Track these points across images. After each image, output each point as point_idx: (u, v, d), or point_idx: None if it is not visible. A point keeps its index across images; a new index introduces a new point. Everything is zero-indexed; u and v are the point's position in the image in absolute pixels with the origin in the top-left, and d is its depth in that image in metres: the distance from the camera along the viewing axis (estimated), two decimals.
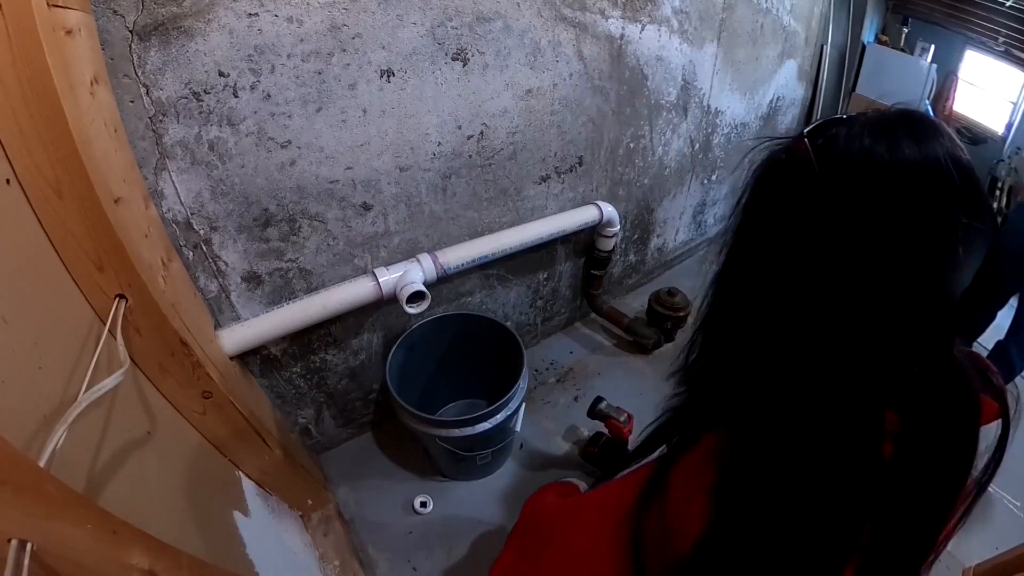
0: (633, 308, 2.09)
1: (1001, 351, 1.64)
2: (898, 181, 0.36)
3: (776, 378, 0.43)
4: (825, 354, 0.40)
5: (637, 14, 1.38)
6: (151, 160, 0.83)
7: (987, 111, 3.27)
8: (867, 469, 0.39)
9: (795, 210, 0.40)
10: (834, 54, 2.57)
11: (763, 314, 0.44)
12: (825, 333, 0.40)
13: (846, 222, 0.37)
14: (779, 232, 0.42)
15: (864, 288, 0.38)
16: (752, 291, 0.45)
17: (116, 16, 0.72)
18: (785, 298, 0.42)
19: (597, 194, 1.65)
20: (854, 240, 0.37)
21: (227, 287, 1.03)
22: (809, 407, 0.40)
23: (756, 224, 0.44)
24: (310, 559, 1.16)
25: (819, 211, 0.38)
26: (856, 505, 0.39)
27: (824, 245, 0.38)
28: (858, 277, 0.38)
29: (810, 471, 0.39)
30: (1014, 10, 2.59)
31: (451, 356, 1.49)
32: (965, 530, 0.41)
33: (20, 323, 0.50)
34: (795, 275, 0.41)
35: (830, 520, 0.39)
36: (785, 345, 0.42)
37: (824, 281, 0.39)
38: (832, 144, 0.39)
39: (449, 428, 1.16)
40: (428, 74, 1.06)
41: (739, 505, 0.39)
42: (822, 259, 0.39)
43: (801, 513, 0.39)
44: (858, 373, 0.40)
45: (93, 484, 0.55)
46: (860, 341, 0.39)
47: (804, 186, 0.40)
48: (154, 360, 0.76)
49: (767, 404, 0.43)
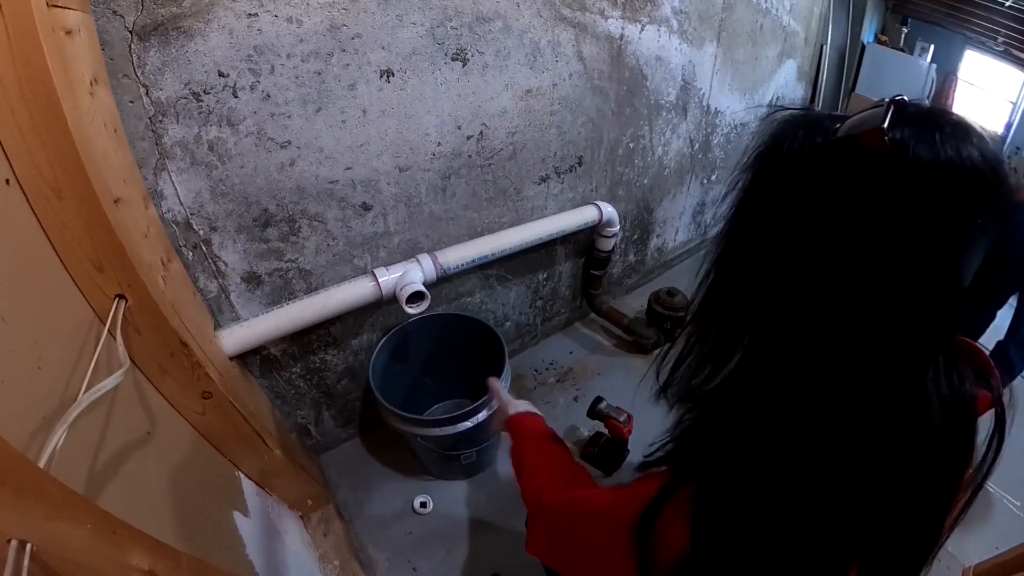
0: (633, 308, 2.09)
1: (1001, 351, 1.64)
2: (961, 182, 0.35)
3: (769, 391, 0.42)
4: (832, 356, 0.39)
5: (637, 14, 1.38)
6: (151, 160, 0.83)
7: (986, 111, 3.27)
8: (858, 487, 0.39)
9: (847, 203, 0.37)
10: (834, 54, 2.57)
11: (764, 309, 0.42)
12: (830, 334, 0.38)
13: (903, 220, 0.35)
14: (802, 221, 0.39)
15: (883, 287, 0.36)
16: (756, 281, 0.43)
17: (116, 16, 0.72)
18: (789, 291, 0.40)
19: (597, 194, 1.65)
20: (900, 238, 0.35)
21: (227, 287, 1.03)
22: (802, 425, 0.40)
23: (775, 208, 0.41)
24: (310, 559, 1.16)
25: (881, 207, 0.36)
26: (842, 531, 0.39)
27: (850, 244, 0.37)
28: (878, 277, 0.36)
29: (789, 500, 0.39)
30: (1013, 10, 2.59)
31: (436, 357, 1.49)
32: (965, 530, 0.41)
33: (20, 323, 0.50)
34: (806, 273, 0.39)
35: (812, 549, 0.39)
36: (786, 342, 0.41)
37: (835, 280, 0.37)
38: (910, 143, 0.35)
39: (430, 427, 1.16)
40: (428, 74, 1.06)
41: (712, 533, 0.41)
42: (842, 258, 0.37)
43: (780, 543, 0.39)
44: (858, 378, 0.39)
45: (93, 484, 0.55)
46: (867, 343, 0.38)
47: (872, 183, 0.36)
48: (154, 360, 0.76)
49: (745, 435, 0.42)
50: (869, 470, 0.39)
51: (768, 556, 0.40)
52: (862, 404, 0.39)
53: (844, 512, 0.39)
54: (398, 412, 1.14)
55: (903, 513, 0.40)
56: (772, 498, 0.40)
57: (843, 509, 0.39)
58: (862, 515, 0.39)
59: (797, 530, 0.39)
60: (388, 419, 1.19)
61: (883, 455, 0.39)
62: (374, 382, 1.20)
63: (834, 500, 0.39)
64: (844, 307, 0.38)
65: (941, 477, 0.40)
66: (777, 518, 0.39)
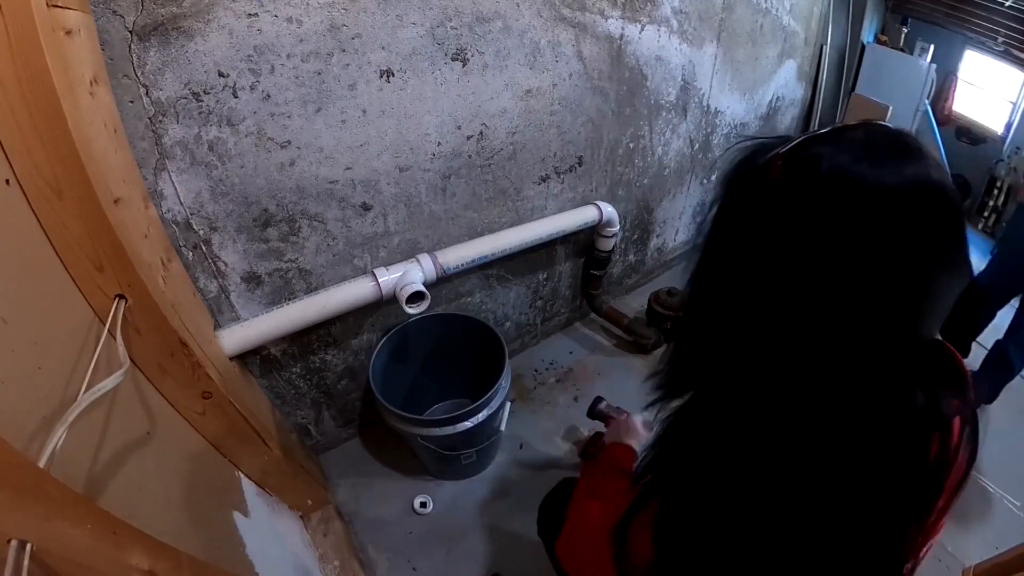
0: (633, 308, 2.09)
1: (1000, 351, 1.64)
2: (877, 205, 0.35)
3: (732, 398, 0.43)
4: (782, 374, 0.40)
5: (637, 14, 1.38)
6: (151, 160, 0.83)
7: (986, 111, 3.27)
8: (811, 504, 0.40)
9: (766, 228, 0.40)
10: (833, 54, 2.57)
11: (726, 323, 0.44)
12: (783, 353, 0.40)
13: (813, 242, 0.37)
14: (745, 245, 0.41)
15: (825, 310, 0.37)
16: (719, 299, 0.45)
17: (116, 16, 0.72)
18: (744, 312, 0.42)
19: (597, 194, 1.65)
20: (821, 262, 0.37)
21: (227, 287, 1.03)
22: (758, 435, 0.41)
23: (726, 231, 0.44)
24: (310, 559, 1.16)
25: (789, 232, 0.38)
26: (793, 550, 0.41)
27: (791, 265, 0.38)
28: (819, 299, 0.37)
29: (748, 515, 0.41)
30: (1013, 10, 2.59)
31: (436, 357, 1.49)
32: (965, 530, 0.41)
33: (20, 323, 0.50)
34: (755, 292, 0.41)
35: (761, 561, 0.41)
36: (739, 357, 0.43)
37: (781, 300, 0.39)
38: (814, 165, 0.37)
39: (430, 427, 1.16)
40: (428, 74, 1.06)
41: (670, 542, 0.44)
42: (784, 279, 0.39)
43: (732, 554, 0.42)
44: (812, 399, 0.40)
45: (93, 484, 0.55)
46: (818, 365, 0.39)
47: (775, 206, 0.39)
48: (154, 360, 0.76)
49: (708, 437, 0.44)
50: (821, 485, 0.40)
51: (721, 566, 0.42)
52: (814, 416, 0.40)
53: (795, 530, 0.40)
54: (398, 412, 1.14)
55: (858, 528, 0.40)
56: (725, 513, 0.42)
57: (795, 527, 0.40)
58: (813, 533, 0.40)
59: (748, 543, 0.41)
60: (388, 419, 1.19)
61: (834, 469, 0.39)
62: (374, 382, 1.20)
63: (786, 516, 0.40)
64: (791, 320, 0.39)
65: (901, 494, 0.40)
66: (729, 532, 0.42)
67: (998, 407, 1.71)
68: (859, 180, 0.35)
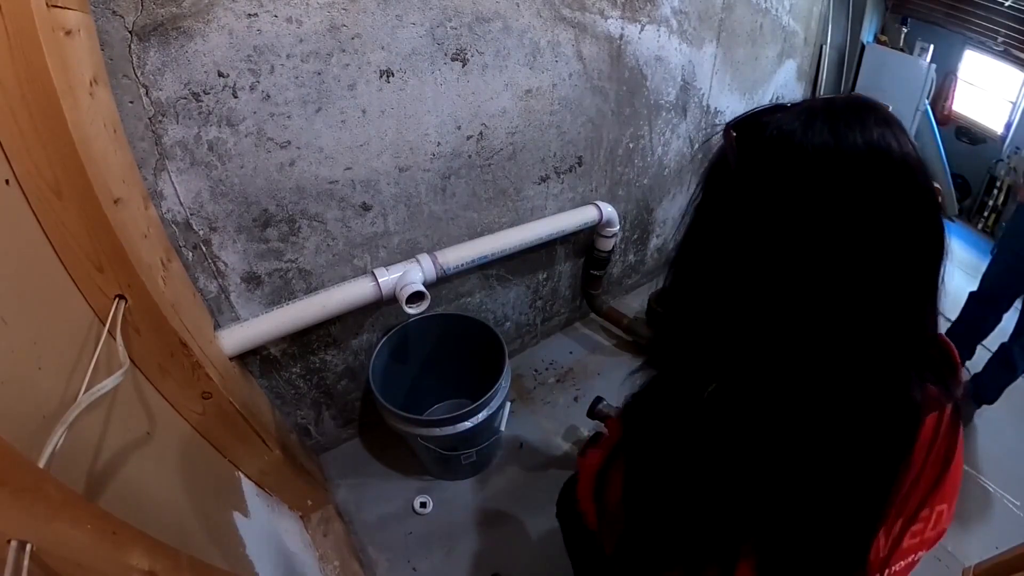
0: (633, 308, 2.09)
1: (1005, 353, 1.64)
2: (817, 167, 0.34)
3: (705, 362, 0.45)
4: (755, 349, 0.41)
5: (636, 14, 1.38)
6: (151, 161, 0.83)
7: (986, 111, 3.27)
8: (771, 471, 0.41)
9: (727, 203, 0.41)
10: (833, 54, 2.57)
11: (701, 303, 0.46)
12: (754, 326, 0.40)
13: (767, 213, 0.37)
14: (716, 225, 0.42)
15: (788, 282, 0.37)
16: (696, 282, 0.47)
17: (115, 17, 0.72)
18: (719, 294, 0.43)
19: (596, 194, 1.65)
20: (778, 233, 0.36)
21: (227, 287, 1.03)
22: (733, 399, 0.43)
23: (700, 215, 0.45)
24: (310, 559, 1.16)
25: (743, 203, 0.38)
26: (739, 511, 0.43)
27: (750, 239, 0.38)
28: (780, 272, 0.37)
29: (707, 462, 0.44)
30: (1013, 10, 2.59)
31: (436, 357, 1.49)
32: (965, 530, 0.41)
33: (20, 323, 0.50)
34: (727, 272, 0.41)
35: (707, 518, 0.45)
36: (711, 333, 0.44)
37: (745, 277, 0.39)
38: (761, 131, 0.37)
39: (430, 427, 1.16)
40: (427, 74, 1.06)
41: (633, 486, 0.52)
42: (749, 255, 0.39)
43: (679, 506, 0.46)
44: (787, 372, 0.40)
45: (93, 484, 0.55)
46: (792, 339, 0.39)
47: (730, 178, 0.40)
48: (154, 361, 0.76)
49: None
50: (773, 455, 0.41)
51: (672, 512, 0.47)
52: (774, 388, 0.41)
53: (741, 491, 0.43)
54: (398, 412, 1.14)
55: (803, 504, 0.42)
56: (676, 471, 0.46)
57: (740, 488, 0.43)
58: (758, 496, 0.42)
59: (694, 499, 0.45)
60: (388, 419, 1.19)
61: (791, 442, 0.41)
62: (374, 382, 1.20)
63: (731, 478, 0.43)
64: (749, 294, 0.40)
65: (856, 468, 0.41)
66: (676, 486, 0.46)
67: (998, 407, 1.71)
68: (799, 142, 0.35)
